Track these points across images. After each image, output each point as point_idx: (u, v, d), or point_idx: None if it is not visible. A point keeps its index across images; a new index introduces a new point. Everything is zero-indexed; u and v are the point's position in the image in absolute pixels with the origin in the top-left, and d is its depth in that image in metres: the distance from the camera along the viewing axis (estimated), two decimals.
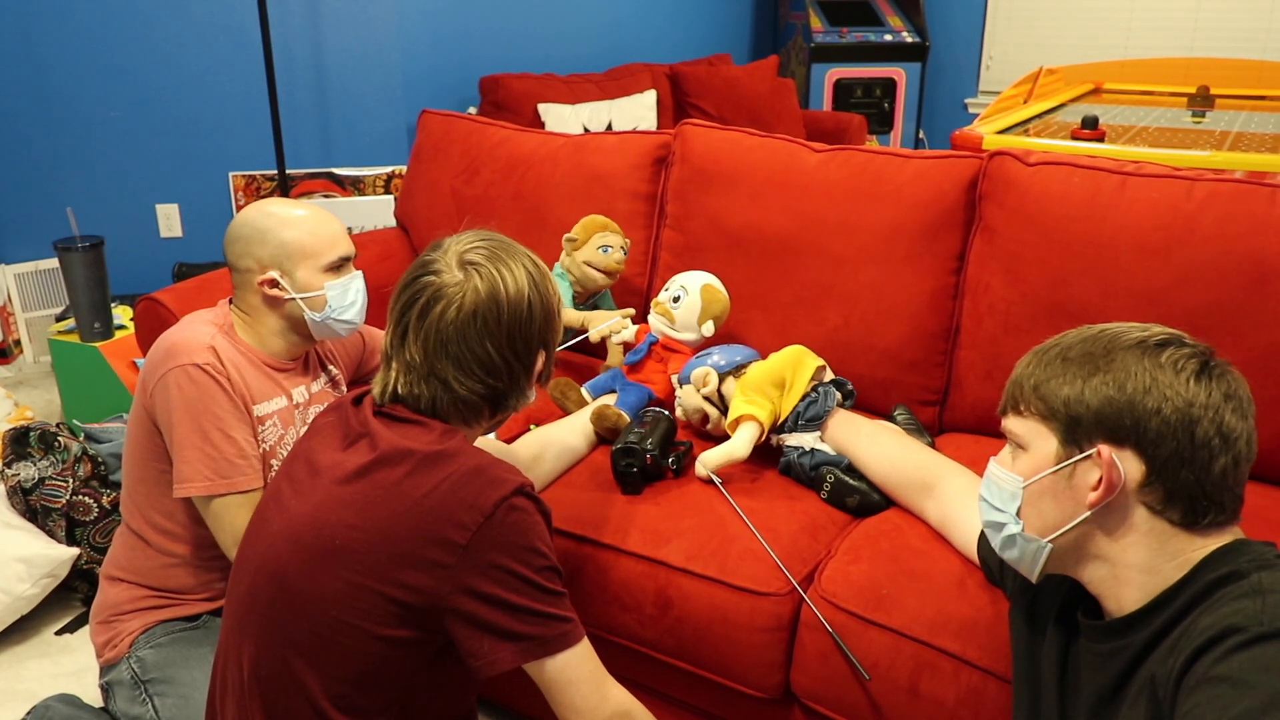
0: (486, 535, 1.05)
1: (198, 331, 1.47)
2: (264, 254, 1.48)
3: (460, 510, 1.05)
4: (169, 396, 1.42)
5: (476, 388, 1.14)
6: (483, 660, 1.06)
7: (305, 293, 1.50)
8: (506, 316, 1.13)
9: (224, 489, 1.42)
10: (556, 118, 3.60)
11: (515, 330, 1.15)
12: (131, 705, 1.48)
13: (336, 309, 1.52)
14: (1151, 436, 0.90)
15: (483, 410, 1.18)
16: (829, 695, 1.34)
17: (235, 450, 1.43)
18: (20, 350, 3.37)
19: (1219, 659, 0.78)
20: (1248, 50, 4.54)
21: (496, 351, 1.14)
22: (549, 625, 1.07)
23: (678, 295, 1.77)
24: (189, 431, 1.41)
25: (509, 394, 1.18)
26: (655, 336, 1.79)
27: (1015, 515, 0.98)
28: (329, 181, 3.55)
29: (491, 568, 1.05)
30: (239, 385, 1.46)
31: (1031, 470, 0.96)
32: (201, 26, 3.30)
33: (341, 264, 1.53)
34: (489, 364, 1.14)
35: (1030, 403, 0.97)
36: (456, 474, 1.07)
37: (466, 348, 1.12)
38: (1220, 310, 1.52)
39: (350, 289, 1.54)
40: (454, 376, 1.13)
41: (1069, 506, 0.94)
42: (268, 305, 1.51)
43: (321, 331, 1.55)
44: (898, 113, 5.03)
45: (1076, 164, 1.69)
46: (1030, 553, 0.98)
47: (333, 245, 1.52)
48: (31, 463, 2.06)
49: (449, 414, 1.16)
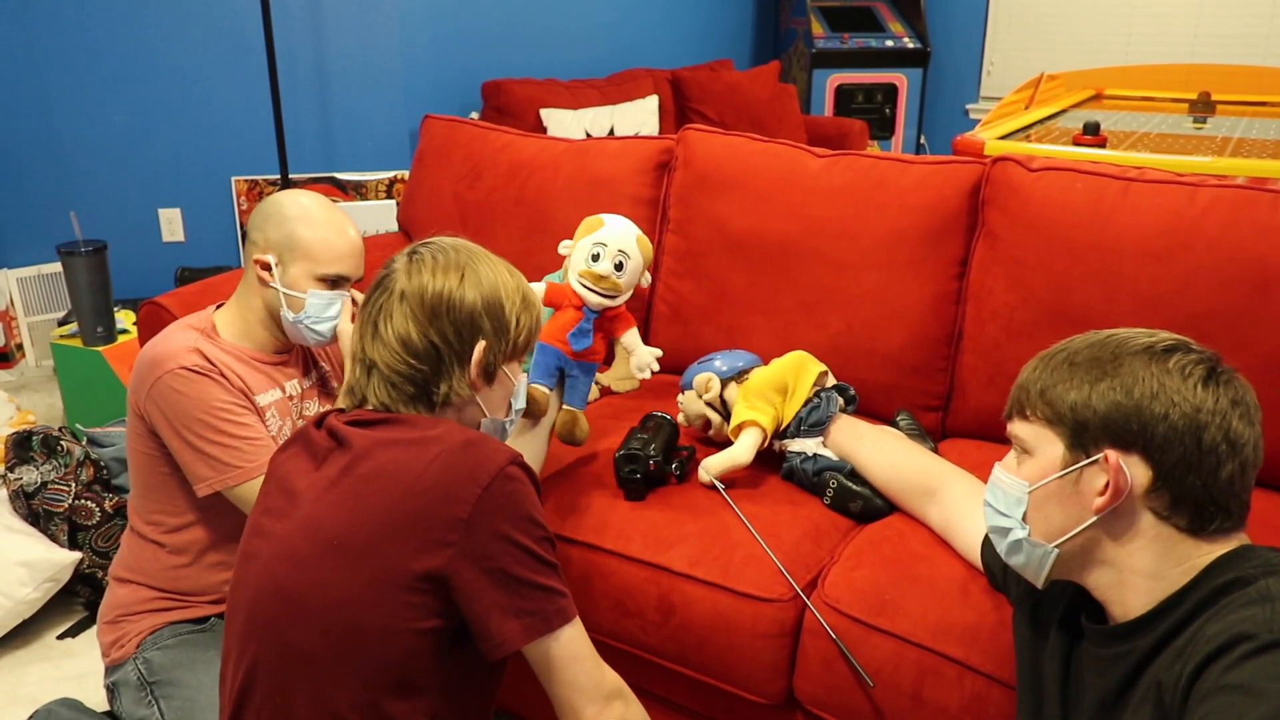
0: (487, 506, 1.04)
1: (178, 339, 1.48)
2: (273, 236, 1.51)
3: (457, 485, 1.05)
4: (166, 403, 1.42)
5: (400, 368, 1.15)
6: (493, 641, 1.05)
7: (289, 289, 1.50)
8: (430, 298, 1.15)
9: (253, 474, 1.43)
10: (558, 123, 3.61)
11: (440, 311, 1.15)
12: (137, 706, 1.48)
13: (312, 318, 1.52)
14: (1158, 442, 0.89)
15: (412, 396, 1.17)
16: (832, 701, 1.34)
17: (251, 433, 1.45)
18: (23, 354, 3.38)
19: (1230, 667, 0.78)
20: (1248, 56, 4.55)
21: (418, 330, 1.15)
22: (550, 599, 1.07)
23: (620, 262, 1.53)
24: (199, 430, 1.41)
25: (435, 380, 1.17)
26: (595, 312, 1.55)
27: (1021, 520, 0.98)
28: (331, 186, 3.55)
29: (495, 537, 1.04)
30: (233, 379, 1.47)
31: (1037, 475, 0.96)
32: (204, 31, 3.31)
33: (337, 280, 1.53)
34: (408, 343, 1.15)
35: (1036, 407, 0.97)
36: (447, 450, 1.07)
37: (389, 326, 1.15)
38: (1224, 315, 1.52)
39: (334, 305, 1.53)
40: (378, 356, 1.16)
41: (1075, 511, 0.94)
42: (257, 286, 1.53)
43: (291, 333, 1.55)
44: (899, 118, 5.04)
45: (1079, 169, 1.69)
46: (1036, 558, 0.98)
47: (336, 260, 1.52)
48: (34, 467, 2.06)
49: (392, 402, 1.16)
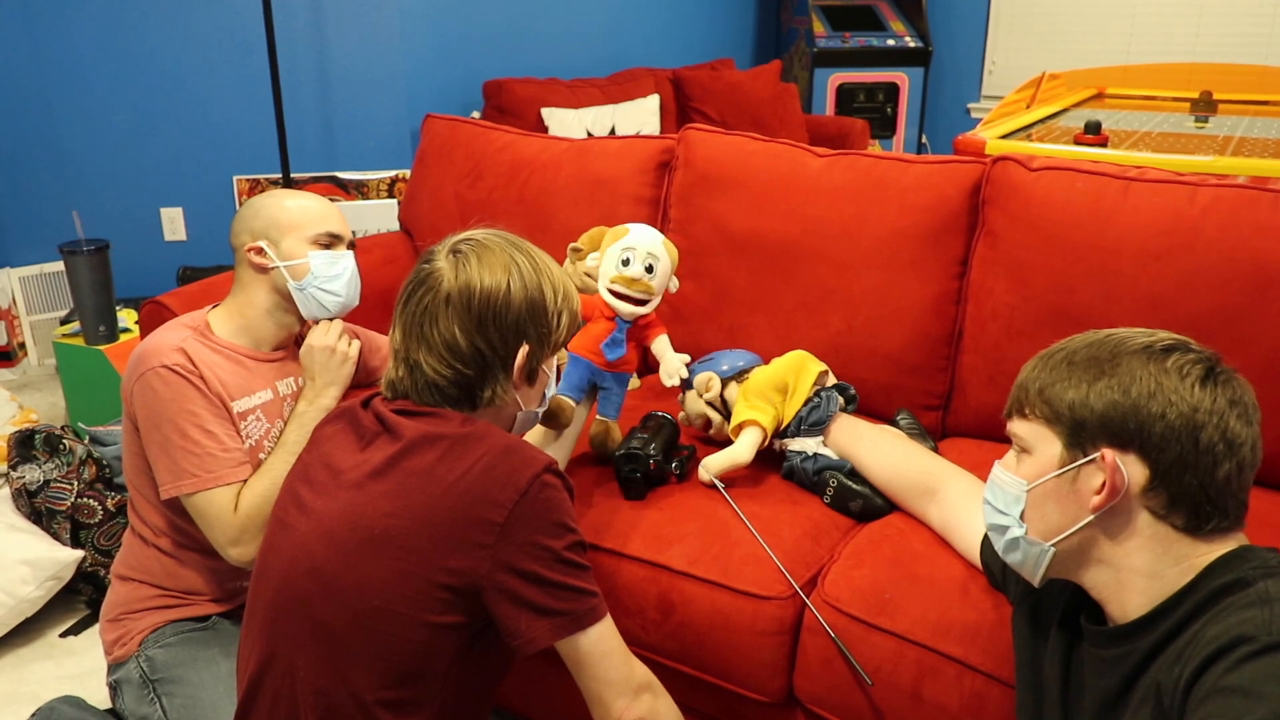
0: (522, 512, 1.06)
1: (168, 336, 1.48)
2: (255, 225, 1.53)
3: (496, 489, 1.07)
4: (144, 401, 1.43)
5: (445, 371, 1.15)
6: (522, 639, 1.07)
7: (289, 260, 1.52)
8: (477, 303, 1.15)
9: (209, 484, 1.43)
10: (560, 122, 3.61)
11: (487, 318, 1.15)
12: (139, 704, 1.49)
13: (321, 278, 1.52)
14: (1155, 441, 0.90)
15: (455, 398, 1.17)
16: (832, 700, 1.34)
17: (216, 444, 1.44)
18: (25, 353, 3.38)
19: (1229, 669, 0.78)
20: (1250, 55, 4.54)
21: (465, 337, 1.15)
22: (581, 600, 1.10)
23: (650, 264, 1.54)
24: (167, 432, 1.42)
25: (480, 383, 1.18)
26: (628, 322, 1.57)
27: (1019, 518, 0.98)
28: (333, 185, 3.55)
29: (528, 544, 1.06)
30: (214, 383, 1.46)
31: (1036, 473, 0.97)
32: (206, 30, 3.31)
33: (330, 240, 1.55)
34: (455, 348, 1.15)
35: (1035, 406, 0.97)
36: (489, 454, 1.09)
37: (435, 330, 1.15)
38: (1224, 315, 1.52)
39: (338, 263, 1.54)
40: (423, 359, 1.15)
41: (1072, 510, 0.94)
42: (257, 276, 1.53)
43: (307, 305, 1.54)
44: (900, 118, 5.04)
45: (1080, 169, 1.69)
46: (1033, 556, 0.98)
47: (321, 219, 1.55)
48: (37, 465, 2.06)
49: (432, 401, 1.17)
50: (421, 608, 1.07)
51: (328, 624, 1.09)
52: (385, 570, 1.07)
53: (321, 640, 1.10)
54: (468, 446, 1.10)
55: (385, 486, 1.10)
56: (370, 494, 1.11)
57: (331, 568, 1.10)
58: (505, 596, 1.07)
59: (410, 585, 1.07)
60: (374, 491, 1.11)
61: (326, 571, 1.10)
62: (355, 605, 1.08)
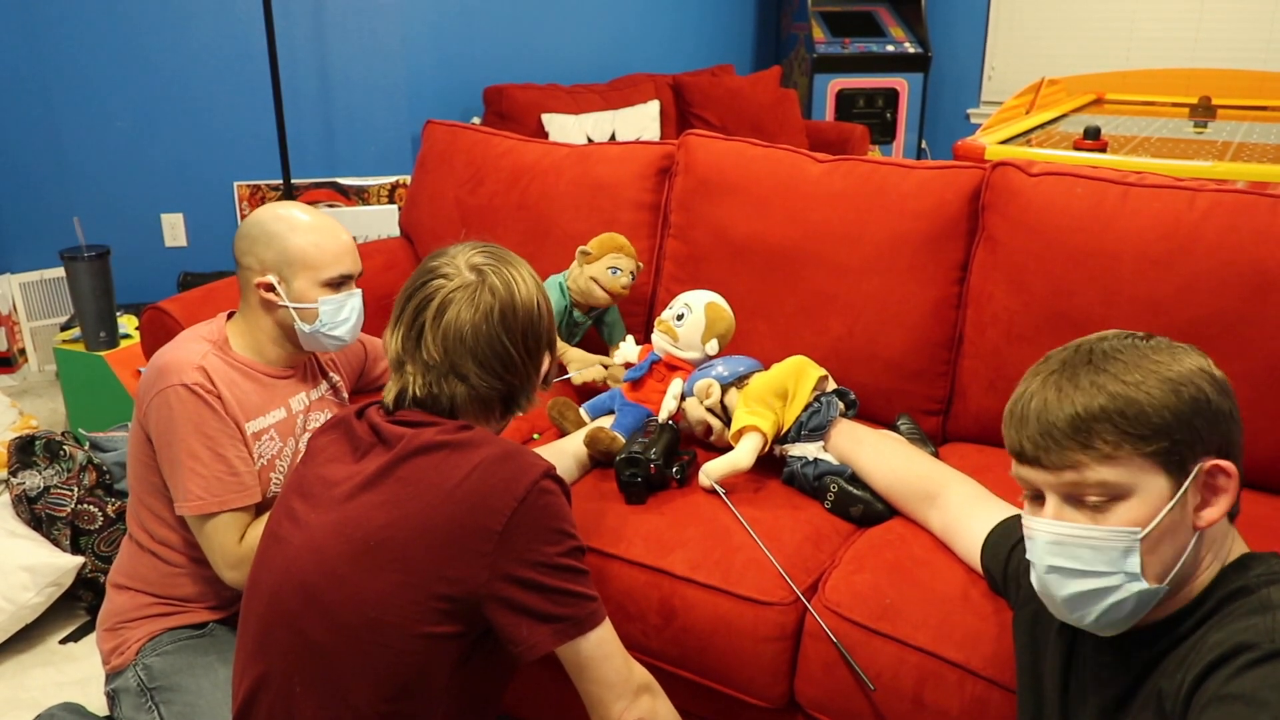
0: (521, 519, 1.07)
1: (189, 350, 1.47)
2: (267, 257, 1.50)
3: (494, 496, 1.07)
4: (160, 416, 1.43)
5: (496, 384, 1.19)
6: (523, 646, 1.07)
7: (299, 303, 1.50)
8: (521, 315, 1.19)
9: (216, 507, 1.43)
10: (560, 128, 3.62)
11: (529, 329, 1.21)
12: (137, 713, 1.48)
13: (328, 324, 1.52)
14: (1223, 427, 0.87)
15: (496, 408, 1.22)
16: (833, 705, 1.34)
17: (226, 468, 1.44)
18: (25, 359, 3.38)
19: (1231, 676, 0.78)
20: (1249, 61, 4.55)
21: (514, 348, 1.19)
22: (581, 605, 1.10)
23: (681, 313, 1.72)
24: (181, 452, 1.42)
25: (521, 392, 1.23)
26: (658, 355, 1.75)
27: (1136, 573, 0.87)
28: (334, 191, 3.56)
29: (527, 551, 1.07)
30: (230, 404, 1.46)
31: (1148, 515, 0.86)
32: (207, 36, 3.32)
33: (342, 281, 1.53)
34: (508, 360, 1.19)
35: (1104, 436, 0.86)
36: (486, 461, 1.09)
37: (488, 344, 1.17)
38: (1223, 320, 1.52)
39: (345, 306, 1.53)
40: (475, 372, 1.17)
41: (1182, 537, 0.88)
42: (263, 308, 1.52)
43: (311, 344, 1.55)
44: (900, 123, 5.04)
45: (1079, 174, 1.69)
46: (1145, 603, 0.89)
47: (335, 261, 1.52)
48: (37, 471, 2.06)
49: (465, 412, 1.19)
50: (417, 619, 1.06)
51: (318, 641, 1.09)
52: (381, 583, 1.06)
53: (315, 657, 1.09)
54: (464, 453, 1.10)
55: (380, 497, 1.10)
56: (363, 505, 1.10)
57: (320, 583, 1.09)
58: (505, 603, 1.07)
59: (407, 596, 1.06)
60: (367, 503, 1.10)
61: (314, 587, 1.09)
62: (346, 620, 1.07)
